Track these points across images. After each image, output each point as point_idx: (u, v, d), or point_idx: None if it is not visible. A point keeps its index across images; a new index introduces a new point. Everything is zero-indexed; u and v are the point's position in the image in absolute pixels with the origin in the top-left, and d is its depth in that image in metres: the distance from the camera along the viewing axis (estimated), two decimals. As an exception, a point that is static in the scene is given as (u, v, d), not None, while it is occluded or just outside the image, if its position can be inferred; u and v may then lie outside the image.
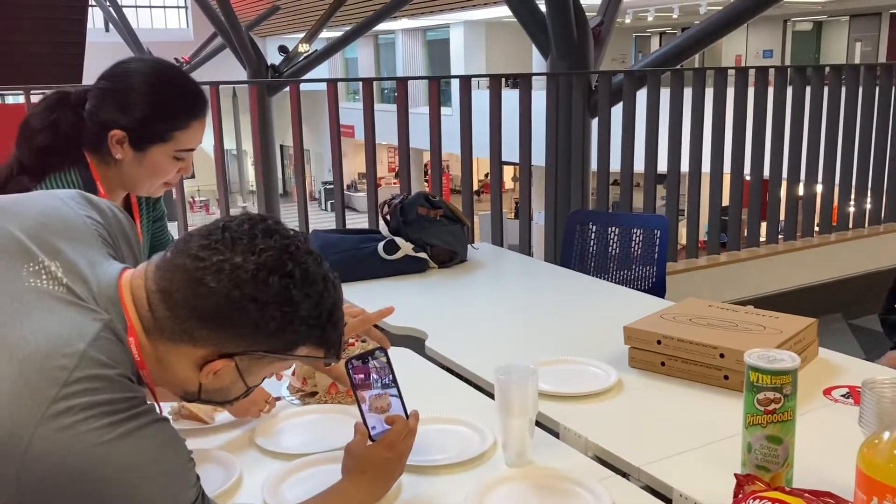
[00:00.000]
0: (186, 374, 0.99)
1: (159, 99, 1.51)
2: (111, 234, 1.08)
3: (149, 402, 0.93)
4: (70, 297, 0.92)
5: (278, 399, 1.60)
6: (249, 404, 1.48)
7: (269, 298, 0.93)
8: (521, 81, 4.02)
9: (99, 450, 0.84)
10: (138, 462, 0.87)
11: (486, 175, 4.26)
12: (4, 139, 1.62)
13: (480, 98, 4.05)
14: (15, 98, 4.81)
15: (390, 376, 1.25)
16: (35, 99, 3.23)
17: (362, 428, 1.21)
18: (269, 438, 1.48)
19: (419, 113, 3.96)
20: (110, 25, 14.66)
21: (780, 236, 4.72)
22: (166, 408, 1.59)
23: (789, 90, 4.56)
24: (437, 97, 3.87)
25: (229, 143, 19.82)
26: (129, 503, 0.87)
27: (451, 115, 4.00)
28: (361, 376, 1.22)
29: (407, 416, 1.26)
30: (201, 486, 0.96)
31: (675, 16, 16.40)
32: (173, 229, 1.95)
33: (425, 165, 12.57)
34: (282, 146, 10.70)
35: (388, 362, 1.25)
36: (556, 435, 1.50)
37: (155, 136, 1.50)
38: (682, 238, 4.78)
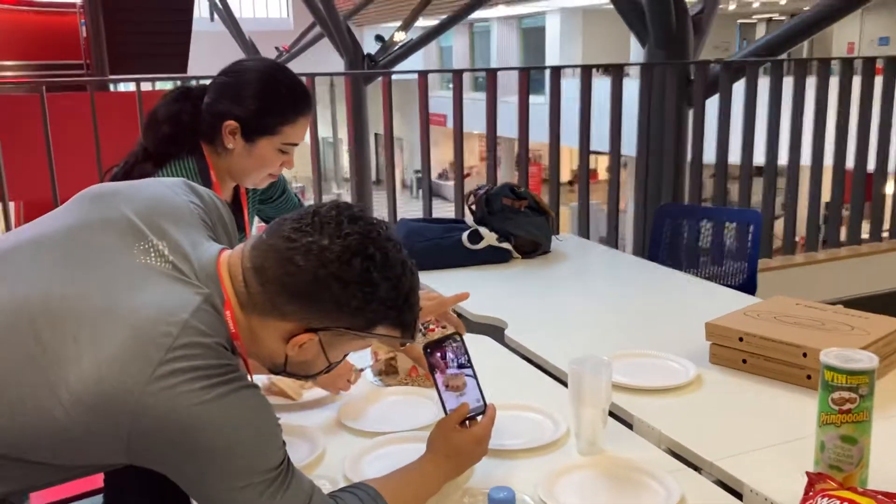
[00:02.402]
0: (275, 347, 1.07)
1: (270, 95, 1.62)
2: (211, 218, 1.18)
3: (241, 370, 1.01)
4: (175, 273, 1.02)
5: (362, 370, 1.67)
6: (335, 378, 1.55)
7: (351, 279, 1.01)
8: (614, 70, 3.98)
9: (197, 409, 0.93)
10: (232, 422, 0.96)
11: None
12: (117, 124, 1.75)
13: (575, 86, 4.02)
14: (126, 86, 5.08)
15: (465, 356, 1.29)
16: (145, 87, 3.42)
17: (458, 412, 1.26)
18: (352, 417, 1.55)
19: (511, 102, 3.97)
20: (215, 15, 15.19)
21: (883, 234, 4.52)
22: (257, 382, 1.68)
23: (898, 80, 4.34)
24: (527, 89, 3.88)
25: (325, 132, 20.24)
26: (223, 458, 0.96)
27: (543, 104, 3.99)
28: (438, 356, 1.27)
29: (483, 396, 1.31)
30: (287, 452, 1.03)
31: (782, 1, 15.75)
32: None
33: (516, 155, 12.50)
34: (376, 134, 10.86)
35: (464, 346, 1.29)
36: (630, 427, 1.51)
37: (265, 129, 1.61)
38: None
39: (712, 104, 4.10)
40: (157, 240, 1.05)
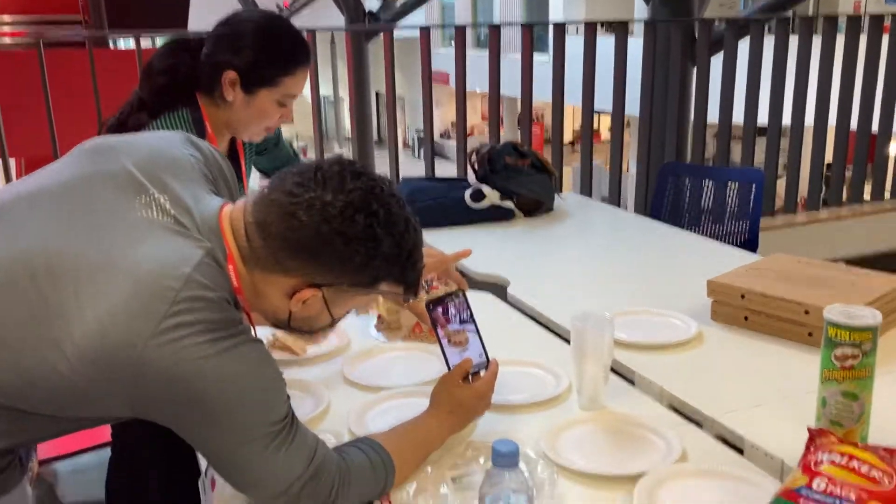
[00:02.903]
0: (278, 302, 1.08)
1: (269, 45, 1.61)
2: (212, 172, 1.17)
3: (244, 325, 1.02)
4: (176, 227, 1.02)
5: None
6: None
7: (354, 234, 1.01)
8: (618, 27, 3.93)
9: (201, 363, 0.94)
10: (236, 376, 0.97)
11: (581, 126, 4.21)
12: (117, 81, 1.74)
13: (578, 44, 3.97)
14: (126, 43, 5.02)
15: (468, 312, 1.29)
16: (145, 43, 3.38)
17: (460, 367, 1.27)
18: (357, 372, 1.56)
19: (514, 59, 3.92)
20: (214, -29, 14.99)
21: (886, 194, 4.50)
22: (261, 337, 1.69)
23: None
24: (531, 46, 3.83)
25: (326, 90, 20.04)
26: (227, 412, 0.97)
27: (547, 62, 3.93)
28: (440, 311, 1.27)
29: (485, 352, 1.31)
30: (291, 407, 1.04)
31: (788, -42, 15.47)
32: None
33: (519, 114, 12.41)
34: (377, 93, 10.77)
35: (466, 302, 1.30)
36: (632, 383, 1.52)
37: (264, 80, 1.60)
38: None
39: (717, 63, 4.05)
40: (159, 193, 1.04)
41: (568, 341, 1.43)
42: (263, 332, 1.69)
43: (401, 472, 1.14)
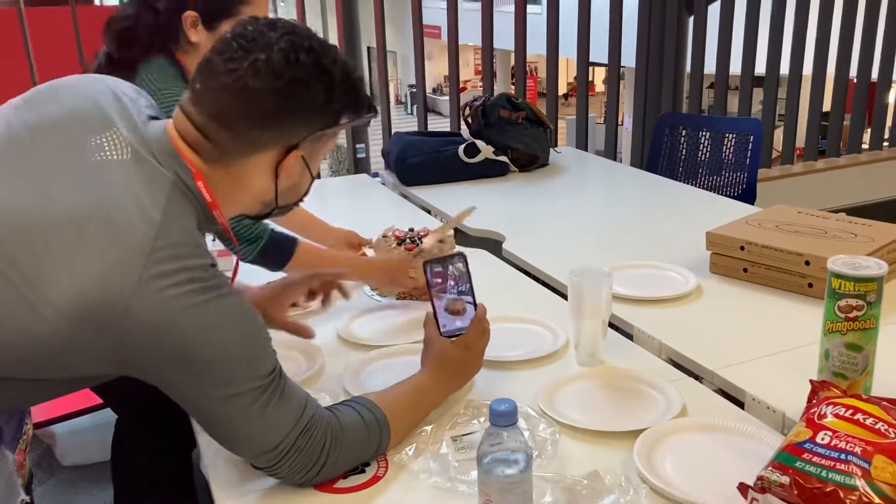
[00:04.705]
0: (264, 184, 1.06)
1: None
2: (151, 104, 1.12)
3: (225, 277, 0.98)
4: (135, 164, 0.97)
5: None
6: (395, 274, 1.59)
7: (307, 75, 1.00)
8: (613, -23, 3.84)
9: (185, 313, 0.91)
10: (221, 326, 0.94)
11: (576, 78, 4.14)
12: (102, 40, 1.68)
13: (571, -6, 3.88)
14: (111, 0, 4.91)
15: (468, 284, 1.25)
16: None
17: (433, 321, 1.24)
18: (351, 331, 1.54)
19: (506, 11, 3.84)
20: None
21: (885, 143, 4.46)
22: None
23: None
24: (524, -6, 3.74)
25: (317, 46, 19.79)
26: (212, 364, 0.94)
27: (540, 14, 3.85)
28: (439, 280, 1.24)
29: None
30: (278, 362, 1.02)
31: None
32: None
33: (512, 68, 12.29)
34: (369, 48, 10.62)
35: (467, 269, 1.25)
36: (630, 337, 1.51)
37: (223, 11, 1.56)
38: (780, 145, 4.58)
39: (714, 11, 3.98)
40: (109, 129, 1.00)
41: (565, 297, 1.41)
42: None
43: (396, 431, 1.12)
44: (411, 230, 1.79)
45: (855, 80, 4.29)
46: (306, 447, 1.01)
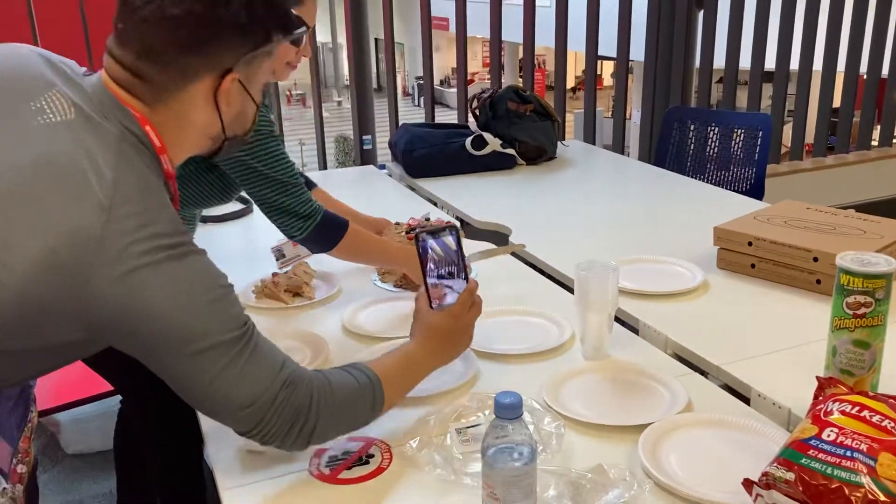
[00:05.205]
0: (206, 116, 1.03)
1: None
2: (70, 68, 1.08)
3: (187, 234, 0.96)
4: (81, 123, 0.96)
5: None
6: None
7: None
8: (623, -30, 3.82)
9: (149, 270, 0.89)
10: (185, 281, 0.92)
11: (584, 71, 4.12)
12: (108, 18, 1.67)
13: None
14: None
15: (460, 258, 1.21)
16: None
17: (425, 295, 1.22)
18: (357, 322, 1.54)
19: (515, 4, 3.83)
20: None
21: (894, 140, 4.43)
22: (249, 288, 1.67)
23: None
24: (533, -13, 3.72)
25: (324, 37, 19.71)
26: (178, 319, 0.92)
27: (549, 7, 3.84)
28: (432, 253, 1.20)
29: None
30: (250, 318, 0.99)
31: None
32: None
33: (520, 60, 12.25)
34: (376, 40, 10.61)
35: (459, 243, 1.21)
36: (636, 332, 1.50)
37: None
38: (788, 140, 4.56)
39: (724, 5, 3.95)
40: (49, 90, 0.98)
41: (571, 290, 1.41)
42: (252, 281, 1.69)
43: (388, 397, 1.10)
44: (427, 219, 1.78)
45: (865, 77, 4.26)
46: (290, 400, 0.99)
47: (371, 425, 1.11)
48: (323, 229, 1.51)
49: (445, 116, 4.02)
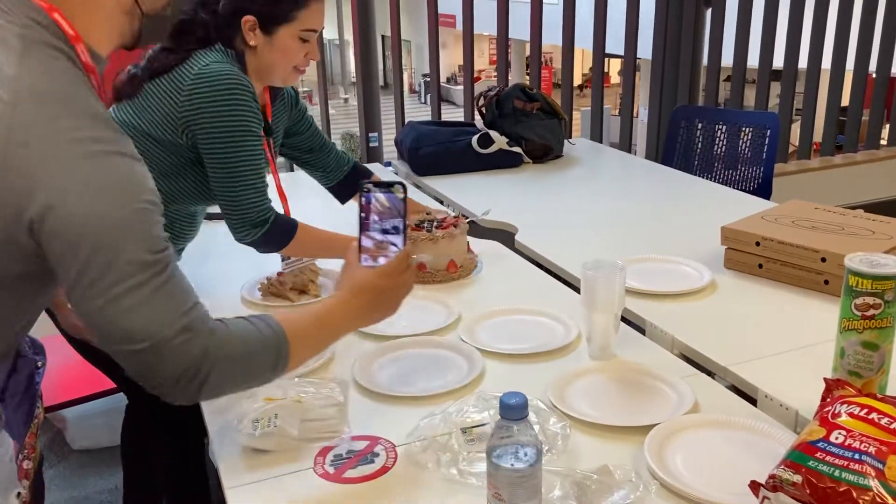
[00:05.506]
0: None
1: None
2: None
3: (117, 133, 0.91)
4: None
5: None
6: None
7: None
8: (630, -32, 3.80)
9: (63, 165, 0.85)
10: (102, 183, 0.86)
11: (591, 69, 4.11)
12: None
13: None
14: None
15: (402, 219, 1.15)
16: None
17: (356, 249, 1.15)
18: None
19: (522, 1, 3.82)
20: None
21: (903, 139, 4.41)
22: (255, 286, 1.67)
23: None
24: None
25: (331, 34, 19.69)
26: (91, 226, 0.86)
27: (556, 4, 3.83)
28: (376, 204, 1.15)
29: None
30: (172, 258, 0.93)
31: None
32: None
33: (527, 58, 12.21)
34: (383, 37, 10.59)
35: (405, 203, 1.15)
36: (643, 332, 1.50)
37: (280, 17, 1.58)
38: (796, 139, 4.54)
39: (732, 3, 3.94)
40: None
41: (577, 289, 1.40)
42: (258, 279, 1.69)
43: (297, 352, 1.02)
44: (428, 213, 1.77)
45: (874, 76, 4.24)
46: (184, 348, 0.90)
47: (376, 424, 1.11)
48: (271, 234, 1.56)
49: (452, 114, 4.01)
